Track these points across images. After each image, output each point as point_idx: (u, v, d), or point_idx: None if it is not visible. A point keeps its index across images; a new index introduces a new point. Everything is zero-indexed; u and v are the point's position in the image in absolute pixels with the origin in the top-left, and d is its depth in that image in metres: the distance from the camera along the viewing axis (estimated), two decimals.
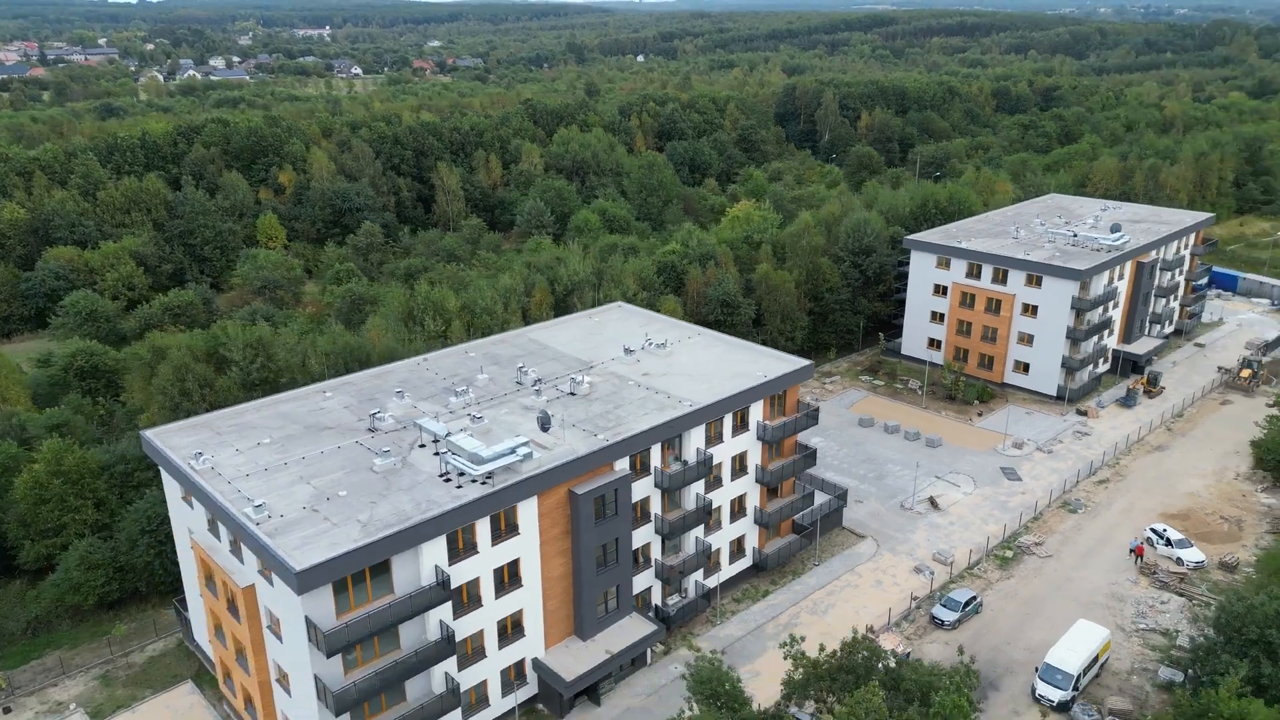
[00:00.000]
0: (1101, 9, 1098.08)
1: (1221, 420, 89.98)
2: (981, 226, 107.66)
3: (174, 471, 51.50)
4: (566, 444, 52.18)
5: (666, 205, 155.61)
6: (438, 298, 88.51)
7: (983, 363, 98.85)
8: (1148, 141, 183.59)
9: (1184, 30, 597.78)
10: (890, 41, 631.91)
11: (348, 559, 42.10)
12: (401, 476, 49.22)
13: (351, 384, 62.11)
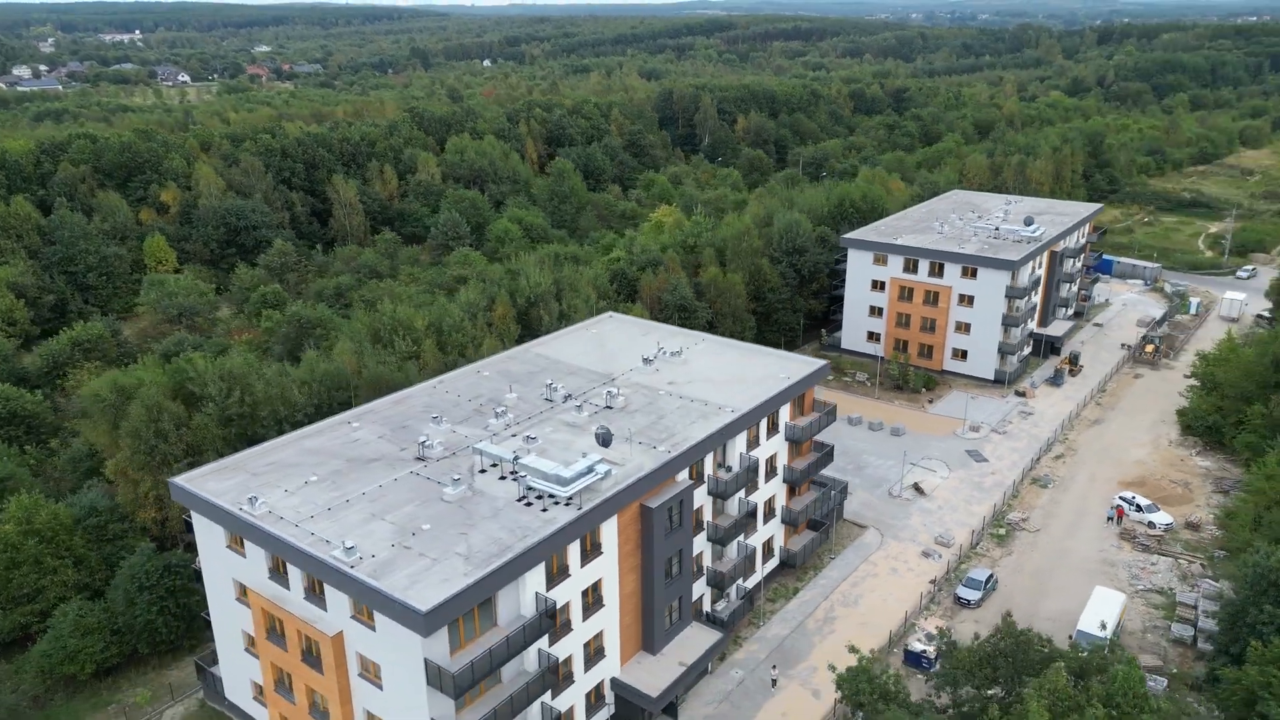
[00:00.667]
0: (913, 14, 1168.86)
1: (1140, 392, 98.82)
2: (905, 224, 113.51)
3: (223, 518, 47.83)
4: (635, 459, 51.91)
5: (579, 213, 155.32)
6: (403, 317, 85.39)
7: (923, 352, 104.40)
8: (1010, 139, 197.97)
9: (994, 34, 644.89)
10: (733, 46, 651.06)
11: (467, 594, 40.57)
12: (478, 504, 47.68)
13: (374, 412, 59.34)
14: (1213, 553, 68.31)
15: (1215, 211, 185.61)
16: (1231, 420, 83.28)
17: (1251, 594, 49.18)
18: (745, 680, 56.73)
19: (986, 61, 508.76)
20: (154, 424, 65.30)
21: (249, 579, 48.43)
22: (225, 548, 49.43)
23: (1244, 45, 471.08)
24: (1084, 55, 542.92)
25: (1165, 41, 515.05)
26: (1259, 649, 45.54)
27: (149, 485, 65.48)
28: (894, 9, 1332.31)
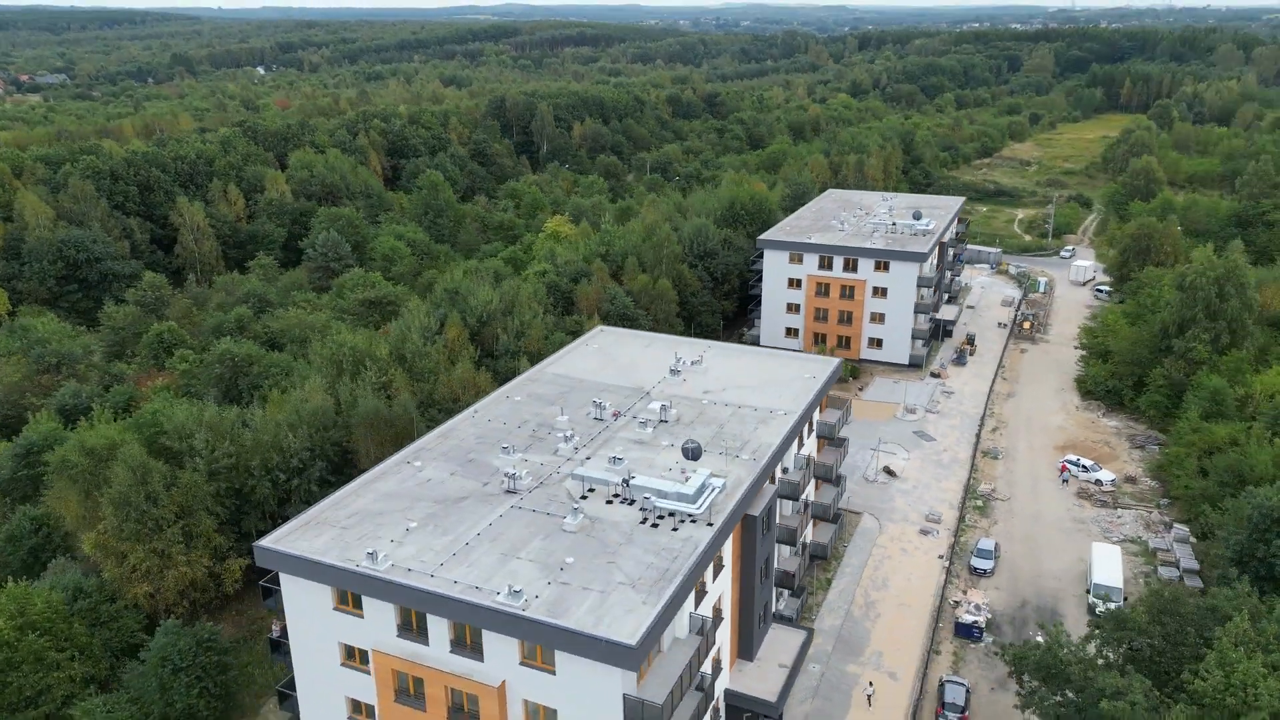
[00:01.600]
0: (681, 21, 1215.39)
1: (1033, 365, 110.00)
2: (805, 223, 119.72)
3: (337, 577, 43.99)
4: (734, 471, 52.55)
5: (458, 227, 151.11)
6: (362, 345, 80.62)
7: (840, 343, 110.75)
8: (843, 139, 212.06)
9: (767, 40, 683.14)
10: (523, 52, 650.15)
11: (658, 623, 39.97)
12: (605, 531, 46.71)
13: (429, 449, 56.09)
14: (1158, 501, 77.88)
15: (1016, 199, 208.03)
16: (1129, 384, 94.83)
17: (1256, 532, 56.89)
18: (825, 674, 58.78)
19: (769, 66, 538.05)
20: (143, 487, 58.31)
21: (368, 639, 44.80)
22: (332, 610, 45.41)
23: (984, 49, 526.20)
24: (849, 60, 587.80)
25: (918, 46, 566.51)
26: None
27: (141, 556, 58.47)
28: (660, 14, 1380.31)
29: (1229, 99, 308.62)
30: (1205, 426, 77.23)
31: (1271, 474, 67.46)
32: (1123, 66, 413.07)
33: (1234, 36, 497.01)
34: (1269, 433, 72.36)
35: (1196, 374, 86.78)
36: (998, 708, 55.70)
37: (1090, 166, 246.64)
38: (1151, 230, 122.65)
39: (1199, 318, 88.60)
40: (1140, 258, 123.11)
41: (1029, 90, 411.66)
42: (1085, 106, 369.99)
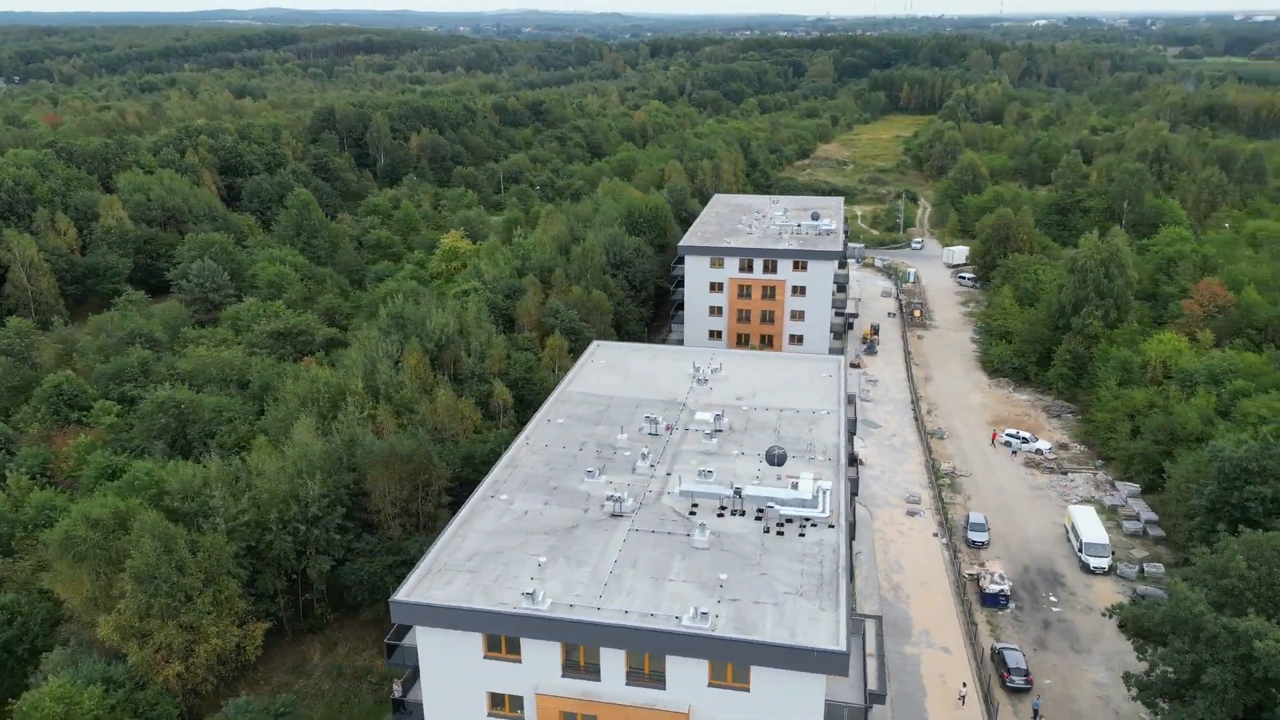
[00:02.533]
0: (461, 27, 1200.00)
1: (934, 349, 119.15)
2: (711, 229, 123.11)
3: (493, 623, 41.81)
4: (823, 475, 54.19)
5: (335, 247, 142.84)
6: (334, 381, 75.53)
7: (763, 342, 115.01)
8: (695, 144, 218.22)
9: (560, 47, 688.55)
10: (305, 59, 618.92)
11: (849, 628, 41.06)
12: (735, 544, 47.06)
13: (503, 482, 53.79)
14: (1094, 463, 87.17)
15: (851, 197, 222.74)
16: (1032, 360, 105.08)
17: (1226, 481, 65.28)
18: (888, 658, 61.70)
19: (573, 74, 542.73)
20: (169, 555, 52.29)
21: (526, 684, 42.79)
22: (481, 659, 42.97)
23: (770, 56, 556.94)
24: (644, 66, 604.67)
25: (709, 53, 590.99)
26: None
27: (172, 633, 52.41)
28: (436, 20, 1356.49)
29: (996, 99, 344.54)
30: (1124, 393, 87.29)
31: (1200, 430, 77.59)
32: (899, 71, 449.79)
33: (982, 43, 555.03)
34: (1184, 393, 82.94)
35: (1094, 347, 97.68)
36: (1044, 666, 60.83)
37: (901, 164, 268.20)
38: (1009, 221, 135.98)
39: (1091, 297, 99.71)
40: (1001, 246, 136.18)
41: (819, 94, 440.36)
42: (873, 109, 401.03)
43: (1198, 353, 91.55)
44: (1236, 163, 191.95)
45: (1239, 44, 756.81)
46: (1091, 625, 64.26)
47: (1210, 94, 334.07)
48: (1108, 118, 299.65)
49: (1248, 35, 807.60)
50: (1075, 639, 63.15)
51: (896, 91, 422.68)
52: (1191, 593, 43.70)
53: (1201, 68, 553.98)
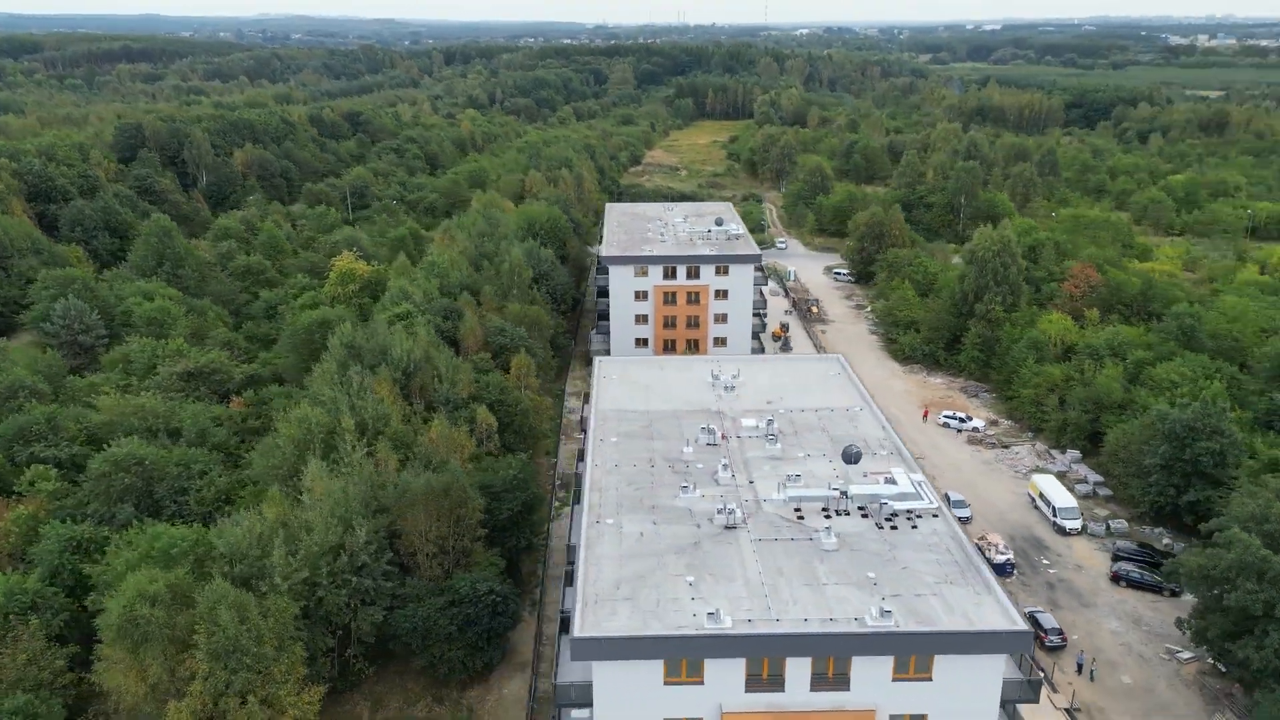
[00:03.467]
0: (222, 33, 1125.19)
1: (838, 341, 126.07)
2: (623, 238, 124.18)
3: (677, 648, 41.54)
4: (893, 468, 56.98)
5: (204, 277, 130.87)
6: (325, 420, 70.38)
7: (689, 346, 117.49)
8: (549, 154, 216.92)
9: (349, 55, 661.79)
10: (55, 69, 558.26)
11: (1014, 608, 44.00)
12: (859, 542, 48.98)
13: (599, 506, 52.71)
14: (1025, 435, 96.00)
15: (699, 201, 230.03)
16: (940, 346, 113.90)
17: (1175, 440, 74.10)
18: None
19: (371, 82, 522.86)
20: (247, 627, 47.54)
21: (708, 705, 42.82)
22: (661, 685, 42.32)
23: (569, 63, 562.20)
24: (441, 74, 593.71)
25: (506, 61, 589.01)
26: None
27: (255, 711, 47.64)
28: (191, 26, 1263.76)
29: (798, 104, 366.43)
30: (1043, 370, 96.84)
31: (1123, 397, 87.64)
32: (702, 78, 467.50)
33: (768, 51, 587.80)
34: (1094, 366, 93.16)
35: (998, 330, 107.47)
36: (1065, 623, 66.84)
37: (731, 169, 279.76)
38: (882, 219, 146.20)
39: (990, 285, 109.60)
40: (875, 243, 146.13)
41: (626, 101, 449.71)
42: (684, 115, 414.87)
43: (1090, 330, 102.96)
44: (1032, 158, 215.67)
45: (978, 51, 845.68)
46: (1087, 581, 71.33)
47: (979, 96, 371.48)
48: (895, 119, 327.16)
49: (982, 43, 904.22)
50: (1079, 595, 69.89)
51: (702, 98, 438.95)
52: (1251, 539, 50.20)
53: (951, 72, 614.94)
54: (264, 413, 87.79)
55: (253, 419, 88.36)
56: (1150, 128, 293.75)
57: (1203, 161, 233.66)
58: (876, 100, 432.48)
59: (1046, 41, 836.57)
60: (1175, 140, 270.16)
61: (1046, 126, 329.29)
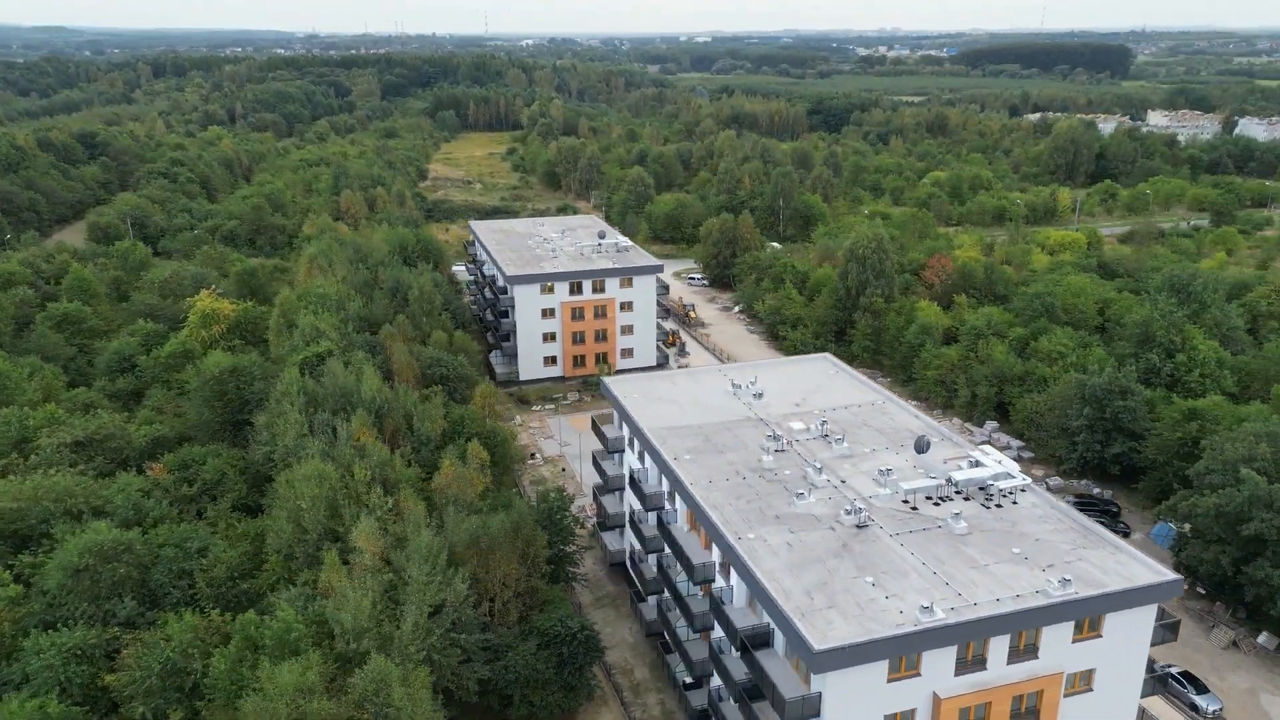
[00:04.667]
0: None
1: (726, 341, 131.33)
2: (516, 255, 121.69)
3: (914, 642, 43.66)
4: (960, 449, 61.74)
5: (20, 332, 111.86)
6: (331, 475, 64.28)
7: (599, 360, 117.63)
8: (356, 171, 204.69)
9: (32, 68, 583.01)
10: None
11: None
12: (982, 523, 53.04)
13: (728, 522, 52.91)
14: (935, 412, 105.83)
15: (513, 215, 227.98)
16: (829, 340, 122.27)
17: (1096, 403, 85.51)
18: None
19: (71, 98, 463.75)
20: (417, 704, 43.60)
21: (921, 695, 45.14)
22: (884, 684, 43.96)
23: (302, 75, 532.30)
24: (151, 88, 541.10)
25: (230, 73, 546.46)
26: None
27: None
28: None
29: (567, 115, 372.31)
30: (942, 352, 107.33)
31: (1021, 370, 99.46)
32: (465, 90, 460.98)
33: (515, 62, 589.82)
34: (986, 344, 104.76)
35: (883, 320, 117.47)
36: None
37: (526, 179, 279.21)
38: (733, 224, 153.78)
39: (870, 279, 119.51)
40: (729, 248, 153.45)
41: (381, 115, 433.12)
42: (450, 128, 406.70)
43: (963, 312, 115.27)
44: (814, 161, 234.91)
45: (700, 62, 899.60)
46: None
47: (732, 104, 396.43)
48: (670, 128, 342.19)
49: (703, 54, 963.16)
50: None
51: (464, 110, 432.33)
52: (1259, 478, 60.08)
53: (680, 81, 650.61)
54: (195, 477, 77.95)
55: (185, 485, 77.98)
56: (887, 130, 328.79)
57: (944, 160, 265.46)
58: (632, 110, 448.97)
59: (759, 53, 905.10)
60: (915, 141, 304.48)
61: (797, 132, 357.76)
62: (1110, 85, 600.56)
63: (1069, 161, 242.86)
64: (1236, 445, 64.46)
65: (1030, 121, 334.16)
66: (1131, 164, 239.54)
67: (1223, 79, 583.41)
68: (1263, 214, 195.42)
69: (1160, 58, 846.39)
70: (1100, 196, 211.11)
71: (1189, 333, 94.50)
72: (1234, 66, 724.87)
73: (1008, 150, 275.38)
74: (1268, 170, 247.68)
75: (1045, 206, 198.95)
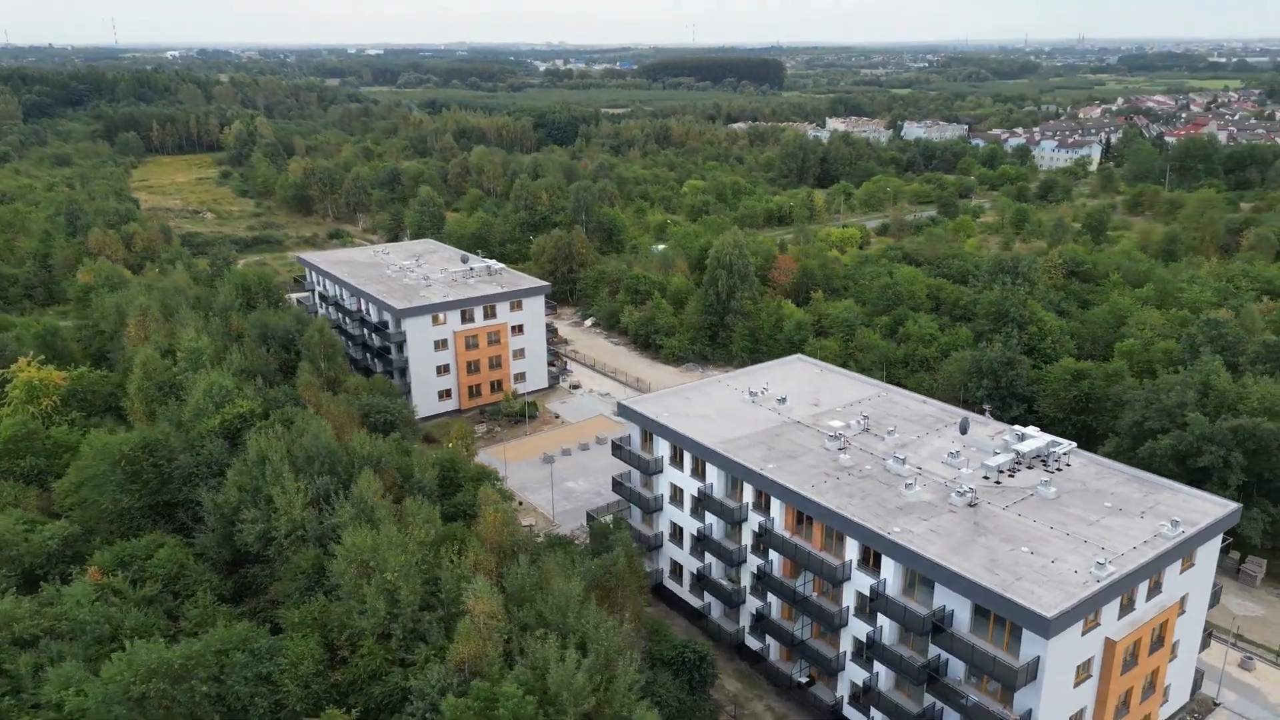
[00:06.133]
0: None
1: (599, 354, 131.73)
2: (386, 287, 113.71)
3: (1098, 599, 48.98)
4: (996, 424, 68.82)
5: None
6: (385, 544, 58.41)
7: (494, 387, 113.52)
8: (103, 207, 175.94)
9: None
10: None
11: None
12: (1059, 485, 60.10)
13: (857, 523, 55.47)
14: None
15: (278, 246, 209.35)
16: (705, 344, 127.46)
17: (980, 374, 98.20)
18: None
19: None
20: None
21: (1096, 644, 50.87)
22: (1080, 636, 49.25)
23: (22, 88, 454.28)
24: None
25: None
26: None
27: None
28: None
29: (285, 134, 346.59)
30: (824, 344, 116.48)
31: (903, 353, 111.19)
32: (142, 109, 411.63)
33: (188, 78, 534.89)
34: (859, 334, 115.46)
35: (755, 320, 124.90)
36: None
37: (263, 207, 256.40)
38: (567, 241, 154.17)
39: (738, 284, 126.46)
40: (566, 264, 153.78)
41: (34, 141, 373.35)
42: (134, 151, 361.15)
43: (822, 306, 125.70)
44: (579, 173, 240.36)
45: (382, 74, 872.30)
46: None
47: (457, 119, 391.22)
48: (388, 144, 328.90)
49: (383, 66, 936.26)
50: None
51: (145, 131, 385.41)
52: (1202, 418, 73.23)
53: (363, 95, 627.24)
54: (145, 575, 66.30)
55: (140, 586, 65.69)
56: (618, 142, 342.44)
57: (687, 168, 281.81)
58: (341, 126, 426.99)
59: (444, 66, 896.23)
60: (649, 152, 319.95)
61: (526, 146, 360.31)
62: (774, 95, 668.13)
63: (800, 166, 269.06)
64: (1171, 395, 78.13)
65: (744, 130, 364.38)
66: (851, 165, 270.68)
67: (862, 88, 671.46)
68: (975, 204, 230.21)
69: (803, 70, 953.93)
70: (839, 195, 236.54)
71: (1032, 307, 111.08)
72: (864, 78, 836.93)
73: (740, 158, 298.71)
74: (948, 166, 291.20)
75: (805, 207, 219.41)
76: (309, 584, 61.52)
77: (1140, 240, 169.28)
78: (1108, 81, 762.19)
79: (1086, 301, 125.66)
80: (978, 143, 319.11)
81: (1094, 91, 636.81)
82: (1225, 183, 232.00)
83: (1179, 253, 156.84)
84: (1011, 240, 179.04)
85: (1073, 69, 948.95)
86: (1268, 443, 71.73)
